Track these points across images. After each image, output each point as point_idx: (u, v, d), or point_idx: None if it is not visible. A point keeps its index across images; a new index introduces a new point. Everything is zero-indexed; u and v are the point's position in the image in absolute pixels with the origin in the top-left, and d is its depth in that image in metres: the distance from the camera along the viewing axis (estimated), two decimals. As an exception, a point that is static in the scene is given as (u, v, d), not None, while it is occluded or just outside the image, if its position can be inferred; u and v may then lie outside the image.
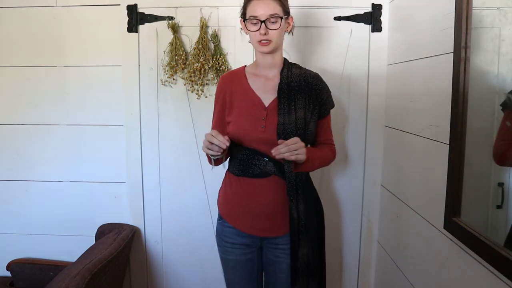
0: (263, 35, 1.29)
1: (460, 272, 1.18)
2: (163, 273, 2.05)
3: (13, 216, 2.03)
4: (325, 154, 1.43)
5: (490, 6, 1.09)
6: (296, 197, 1.33)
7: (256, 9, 1.28)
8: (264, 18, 1.28)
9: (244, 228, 1.41)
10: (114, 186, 1.99)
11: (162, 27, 1.86)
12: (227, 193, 1.45)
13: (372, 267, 1.99)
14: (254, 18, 1.29)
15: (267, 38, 1.29)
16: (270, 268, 1.46)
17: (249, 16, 1.31)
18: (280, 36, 1.34)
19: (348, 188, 1.96)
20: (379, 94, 1.87)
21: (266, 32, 1.28)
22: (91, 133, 1.96)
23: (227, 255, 1.47)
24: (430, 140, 1.39)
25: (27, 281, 1.97)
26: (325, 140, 1.46)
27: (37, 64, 1.93)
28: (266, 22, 1.28)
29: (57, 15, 1.90)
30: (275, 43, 1.32)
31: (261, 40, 1.30)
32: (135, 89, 1.91)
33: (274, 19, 1.29)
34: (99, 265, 1.51)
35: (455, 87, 1.16)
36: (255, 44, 1.33)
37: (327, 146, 1.46)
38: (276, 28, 1.29)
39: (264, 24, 1.28)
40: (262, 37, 1.29)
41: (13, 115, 1.97)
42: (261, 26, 1.28)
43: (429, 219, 1.39)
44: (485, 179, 1.12)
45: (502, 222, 1.04)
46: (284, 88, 1.36)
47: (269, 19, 1.28)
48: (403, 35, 1.68)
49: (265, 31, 1.28)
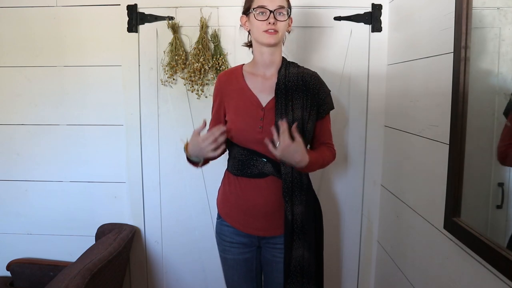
0: (272, 24, 1.28)
1: (460, 272, 1.18)
2: (163, 273, 2.05)
3: (13, 216, 2.04)
4: (324, 156, 1.40)
5: (490, 6, 1.09)
6: (292, 198, 1.33)
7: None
8: (273, 8, 1.28)
9: (242, 227, 1.42)
10: (114, 186, 1.99)
11: (162, 27, 1.86)
12: (225, 193, 1.46)
13: (372, 267, 1.99)
14: (262, 8, 1.29)
15: (275, 28, 1.29)
16: (267, 268, 1.47)
17: (257, 6, 1.30)
18: (285, 30, 1.34)
19: (348, 188, 1.96)
20: (379, 94, 1.87)
21: (274, 21, 1.28)
22: (91, 133, 1.96)
23: (225, 253, 1.48)
24: (430, 140, 1.39)
25: (27, 281, 1.97)
26: (324, 141, 1.44)
27: (37, 64, 1.93)
28: (274, 12, 1.29)
29: (57, 15, 1.90)
30: (280, 36, 1.32)
31: (268, 29, 1.29)
32: (135, 89, 1.91)
33: (282, 11, 1.30)
34: (99, 265, 1.51)
35: (455, 87, 1.16)
36: (261, 34, 1.31)
37: (327, 148, 1.44)
38: (284, 20, 1.31)
39: (272, 14, 1.28)
40: (270, 27, 1.29)
41: (13, 115, 1.97)
42: (269, 16, 1.28)
43: (429, 219, 1.39)
44: (485, 179, 1.12)
45: (502, 222, 1.04)
46: (281, 88, 1.35)
47: (278, 10, 1.29)
48: (403, 35, 1.68)
49: (273, 21, 1.28)
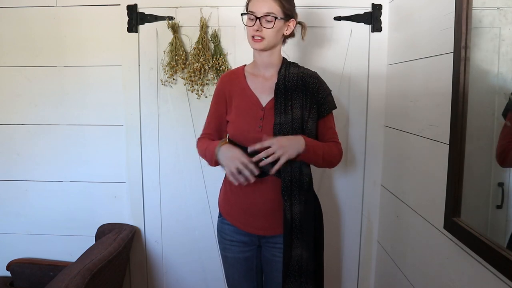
0: (256, 31, 1.30)
1: (460, 272, 1.18)
2: (163, 273, 2.05)
3: (13, 216, 2.03)
4: (328, 147, 1.38)
5: (490, 6, 1.09)
6: (291, 198, 1.34)
7: (255, 5, 1.30)
8: (260, 15, 1.29)
9: (242, 226, 1.43)
10: (114, 186, 1.99)
11: (162, 27, 1.86)
12: (227, 192, 1.47)
13: (372, 267, 1.99)
14: (251, 14, 1.30)
15: (260, 35, 1.31)
16: (267, 267, 1.47)
17: (248, 10, 1.32)
18: (275, 36, 1.33)
19: (348, 188, 1.96)
20: (379, 94, 1.87)
21: (259, 28, 1.29)
22: (91, 133, 1.96)
23: (226, 252, 1.49)
24: (430, 140, 1.39)
25: (27, 281, 1.97)
26: (328, 139, 1.43)
27: (37, 64, 1.93)
28: (261, 19, 1.29)
29: (57, 15, 1.90)
30: (267, 42, 1.32)
31: (254, 36, 1.31)
32: (135, 89, 1.91)
33: (269, 18, 1.29)
34: (99, 265, 1.51)
35: (455, 87, 1.16)
36: (249, 39, 1.34)
37: (332, 143, 1.42)
38: (269, 27, 1.30)
39: (258, 20, 1.29)
40: (255, 33, 1.31)
41: (13, 115, 1.97)
42: (255, 23, 1.29)
43: (429, 219, 1.39)
44: (485, 179, 1.12)
45: (502, 222, 1.04)
46: (280, 88, 1.36)
47: (264, 17, 1.29)
48: (403, 35, 1.68)
49: (258, 28, 1.29)
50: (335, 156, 1.41)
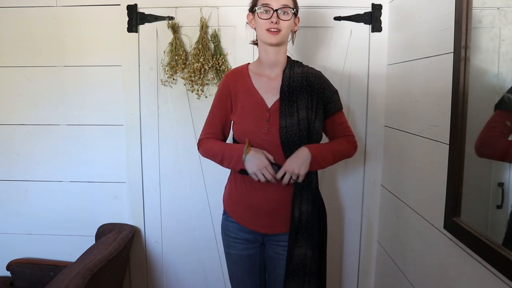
0: (274, 23, 1.29)
1: (460, 272, 1.18)
2: (163, 273, 2.05)
3: (13, 216, 2.04)
4: (337, 145, 1.40)
5: (490, 6, 1.09)
6: (301, 197, 1.35)
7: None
8: (277, 7, 1.28)
9: (246, 223, 1.43)
10: (114, 186, 1.99)
11: (162, 27, 1.86)
12: (231, 190, 1.48)
13: (372, 267, 1.99)
14: (266, 6, 1.29)
15: (277, 27, 1.29)
16: (270, 264, 1.48)
17: (261, 4, 1.31)
18: (289, 30, 1.34)
19: (348, 188, 1.96)
20: (379, 94, 1.87)
21: (277, 21, 1.29)
22: (91, 133, 1.96)
23: (229, 249, 1.50)
24: (430, 140, 1.39)
25: (27, 281, 1.97)
26: (339, 135, 1.44)
27: (37, 64, 1.93)
28: (278, 11, 1.29)
29: (57, 15, 1.90)
30: (283, 34, 1.32)
31: (271, 28, 1.30)
32: (135, 89, 1.91)
33: (287, 10, 1.30)
34: (99, 265, 1.51)
35: (455, 87, 1.16)
36: (263, 33, 1.32)
37: (343, 138, 1.44)
38: (287, 19, 1.30)
39: (276, 13, 1.28)
40: (272, 25, 1.29)
41: (13, 115, 1.97)
42: (272, 15, 1.29)
43: (429, 219, 1.39)
44: (485, 179, 1.12)
45: (502, 222, 1.04)
46: (285, 90, 1.36)
47: (282, 9, 1.29)
48: (403, 35, 1.68)
49: (276, 20, 1.28)
50: (347, 151, 1.43)
